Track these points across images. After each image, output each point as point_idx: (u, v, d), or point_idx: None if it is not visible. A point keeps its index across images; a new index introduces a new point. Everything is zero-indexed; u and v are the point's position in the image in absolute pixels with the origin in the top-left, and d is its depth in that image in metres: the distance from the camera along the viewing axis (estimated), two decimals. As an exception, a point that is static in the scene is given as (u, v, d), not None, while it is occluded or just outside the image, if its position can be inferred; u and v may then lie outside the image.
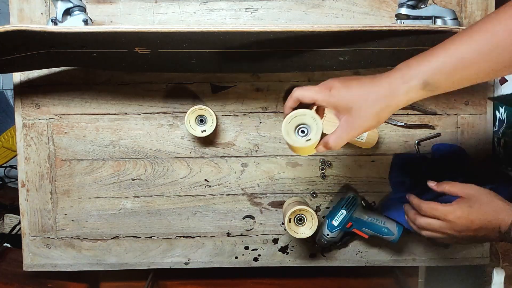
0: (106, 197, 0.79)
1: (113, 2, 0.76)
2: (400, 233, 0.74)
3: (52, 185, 0.79)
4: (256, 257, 0.82)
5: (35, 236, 0.80)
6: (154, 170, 0.79)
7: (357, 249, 0.82)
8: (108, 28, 0.58)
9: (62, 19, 0.65)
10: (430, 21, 0.68)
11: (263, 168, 0.79)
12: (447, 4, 0.76)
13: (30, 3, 0.75)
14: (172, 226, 0.80)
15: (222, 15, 0.77)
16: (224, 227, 0.81)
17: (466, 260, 0.81)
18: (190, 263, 0.82)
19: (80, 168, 0.79)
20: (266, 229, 0.81)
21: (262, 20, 0.77)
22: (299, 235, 0.71)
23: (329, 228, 0.76)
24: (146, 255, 0.81)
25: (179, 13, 0.77)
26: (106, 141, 0.78)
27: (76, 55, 0.68)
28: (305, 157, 0.79)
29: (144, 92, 0.78)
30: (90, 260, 0.81)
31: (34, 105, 0.77)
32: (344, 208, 0.75)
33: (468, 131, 0.79)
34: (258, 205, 0.80)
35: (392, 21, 0.76)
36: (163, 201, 0.80)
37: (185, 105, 0.78)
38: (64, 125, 0.78)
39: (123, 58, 0.69)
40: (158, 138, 0.79)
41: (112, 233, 0.80)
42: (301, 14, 0.77)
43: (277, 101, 0.78)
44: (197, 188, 0.80)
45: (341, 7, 0.76)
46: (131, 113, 0.78)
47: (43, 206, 0.79)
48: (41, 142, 0.78)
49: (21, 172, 0.78)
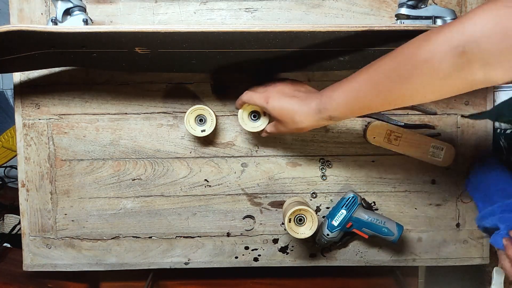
0: (106, 197, 0.79)
1: (113, 2, 0.76)
2: (400, 233, 0.74)
3: (52, 185, 0.79)
4: (256, 257, 0.82)
5: (35, 236, 0.80)
6: (154, 170, 0.79)
7: (357, 249, 0.82)
8: (108, 28, 0.58)
9: (62, 19, 0.65)
10: (430, 21, 0.68)
11: (263, 168, 0.79)
12: (447, 4, 0.76)
13: (30, 3, 0.75)
14: (172, 226, 0.80)
15: (222, 15, 0.77)
16: (224, 227, 0.81)
17: (466, 260, 0.81)
18: (190, 263, 0.82)
19: (80, 168, 0.79)
20: (266, 229, 0.81)
21: (262, 20, 0.77)
22: (299, 235, 0.71)
23: (329, 228, 0.76)
24: (146, 255, 0.81)
25: (179, 13, 0.77)
26: (106, 141, 0.78)
27: (76, 55, 0.68)
28: (305, 157, 0.79)
29: (144, 92, 0.78)
30: (90, 260, 0.81)
31: (34, 105, 0.77)
32: (344, 208, 0.75)
33: (468, 131, 0.79)
34: (258, 205, 0.80)
35: (392, 21, 0.76)
36: (163, 201, 0.80)
37: (185, 105, 0.78)
38: (64, 125, 0.78)
39: (123, 58, 0.69)
40: (158, 138, 0.79)
41: (112, 233, 0.80)
42: (301, 14, 0.77)
43: (277, 101, 0.78)
44: (197, 188, 0.80)
45: (341, 7, 0.76)
46: (131, 113, 0.78)
47: (43, 206, 0.79)
48: (41, 142, 0.78)
49: (21, 172, 0.78)
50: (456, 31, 0.41)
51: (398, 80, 0.47)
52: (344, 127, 0.79)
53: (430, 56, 0.43)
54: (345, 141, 0.79)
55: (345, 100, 0.55)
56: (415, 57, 0.45)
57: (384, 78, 0.49)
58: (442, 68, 0.43)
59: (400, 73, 0.47)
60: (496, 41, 0.39)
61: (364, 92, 0.52)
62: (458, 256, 0.81)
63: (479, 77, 0.42)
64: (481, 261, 0.81)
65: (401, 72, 0.47)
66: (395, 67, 0.48)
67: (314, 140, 0.79)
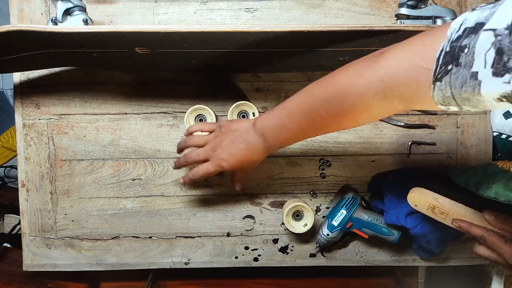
0: (106, 197, 0.79)
1: (113, 2, 0.76)
2: (400, 233, 0.74)
3: (52, 185, 0.79)
4: (256, 257, 0.82)
5: (35, 236, 0.80)
6: (154, 170, 0.79)
7: (357, 249, 0.82)
8: (108, 28, 0.58)
9: (62, 19, 0.65)
10: (430, 21, 0.68)
11: (263, 168, 0.79)
12: (447, 4, 0.76)
13: (30, 3, 0.75)
14: (172, 226, 0.80)
15: (222, 15, 0.77)
16: (224, 227, 0.81)
17: (466, 260, 0.81)
18: (190, 263, 0.82)
19: (80, 168, 0.79)
20: (266, 229, 0.81)
21: (262, 20, 0.77)
22: (296, 230, 0.75)
23: (329, 228, 0.76)
24: (146, 255, 0.81)
25: (179, 13, 0.77)
26: (106, 141, 0.78)
27: (76, 55, 0.68)
28: (305, 157, 0.79)
29: (144, 92, 0.78)
30: (90, 260, 0.81)
31: (34, 105, 0.77)
32: (344, 208, 0.75)
33: (468, 131, 0.79)
34: (258, 205, 0.80)
35: (392, 21, 0.76)
36: (163, 201, 0.80)
37: (185, 105, 0.78)
38: (64, 125, 0.78)
39: (123, 58, 0.69)
40: (158, 138, 0.79)
41: (112, 233, 0.80)
42: (301, 14, 0.77)
43: (277, 101, 0.78)
44: (197, 188, 0.80)
45: (341, 7, 0.76)
46: (131, 113, 0.78)
47: (43, 206, 0.79)
48: (41, 142, 0.78)
49: (21, 172, 0.78)
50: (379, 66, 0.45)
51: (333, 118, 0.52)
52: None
53: (359, 99, 0.47)
54: (345, 141, 0.79)
55: (288, 135, 0.58)
56: (346, 98, 0.49)
57: (318, 118, 0.53)
58: (370, 106, 0.47)
59: (334, 112, 0.51)
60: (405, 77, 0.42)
61: (303, 129, 0.56)
62: (458, 256, 0.81)
63: (400, 109, 0.46)
64: (481, 261, 0.81)
65: (334, 112, 0.51)
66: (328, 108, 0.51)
67: (314, 140, 0.79)
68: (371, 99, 0.46)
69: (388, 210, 0.71)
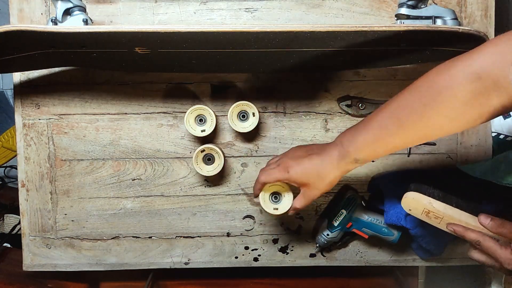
0: (106, 197, 0.79)
1: (113, 2, 0.76)
2: (400, 233, 0.74)
3: (52, 185, 0.79)
4: (256, 257, 0.82)
5: (35, 236, 0.80)
6: (154, 170, 0.79)
7: (357, 249, 0.82)
8: (108, 28, 0.58)
9: (62, 19, 0.65)
10: (430, 21, 0.68)
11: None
12: (447, 4, 0.76)
13: (30, 3, 0.75)
14: (172, 226, 0.80)
15: (222, 15, 0.77)
16: (224, 227, 0.81)
17: (466, 260, 0.81)
18: (190, 263, 0.82)
19: (80, 168, 0.79)
20: (266, 229, 0.81)
21: (262, 20, 0.77)
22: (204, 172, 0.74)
23: (329, 228, 0.76)
24: (146, 255, 0.81)
25: (179, 13, 0.77)
26: (106, 141, 0.78)
27: (76, 55, 0.68)
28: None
29: (144, 92, 0.78)
30: (90, 260, 0.81)
31: (34, 105, 0.77)
32: (344, 208, 0.75)
33: (468, 131, 0.79)
34: (258, 205, 0.80)
35: (392, 21, 0.76)
36: (163, 201, 0.80)
37: (185, 105, 0.78)
38: (64, 125, 0.78)
39: (123, 58, 0.69)
40: (158, 138, 0.79)
41: (112, 233, 0.80)
42: (301, 14, 0.77)
43: (277, 101, 0.78)
44: (197, 188, 0.80)
45: (341, 7, 0.76)
46: (131, 113, 0.78)
47: (43, 206, 0.79)
48: (41, 142, 0.78)
49: (21, 172, 0.78)
50: (471, 59, 0.45)
51: (422, 110, 0.49)
52: (344, 128, 0.79)
53: (450, 82, 0.46)
54: (345, 141, 0.79)
55: (367, 140, 0.54)
56: (436, 84, 0.47)
57: (406, 111, 0.50)
58: (462, 93, 0.45)
59: (423, 101, 0.48)
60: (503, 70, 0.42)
61: (386, 130, 0.52)
62: (458, 256, 0.81)
63: (495, 103, 0.44)
64: (481, 261, 0.81)
65: (424, 101, 0.48)
66: (417, 97, 0.49)
67: (314, 140, 0.79)
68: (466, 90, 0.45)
69: (388, 210, 0.72)
